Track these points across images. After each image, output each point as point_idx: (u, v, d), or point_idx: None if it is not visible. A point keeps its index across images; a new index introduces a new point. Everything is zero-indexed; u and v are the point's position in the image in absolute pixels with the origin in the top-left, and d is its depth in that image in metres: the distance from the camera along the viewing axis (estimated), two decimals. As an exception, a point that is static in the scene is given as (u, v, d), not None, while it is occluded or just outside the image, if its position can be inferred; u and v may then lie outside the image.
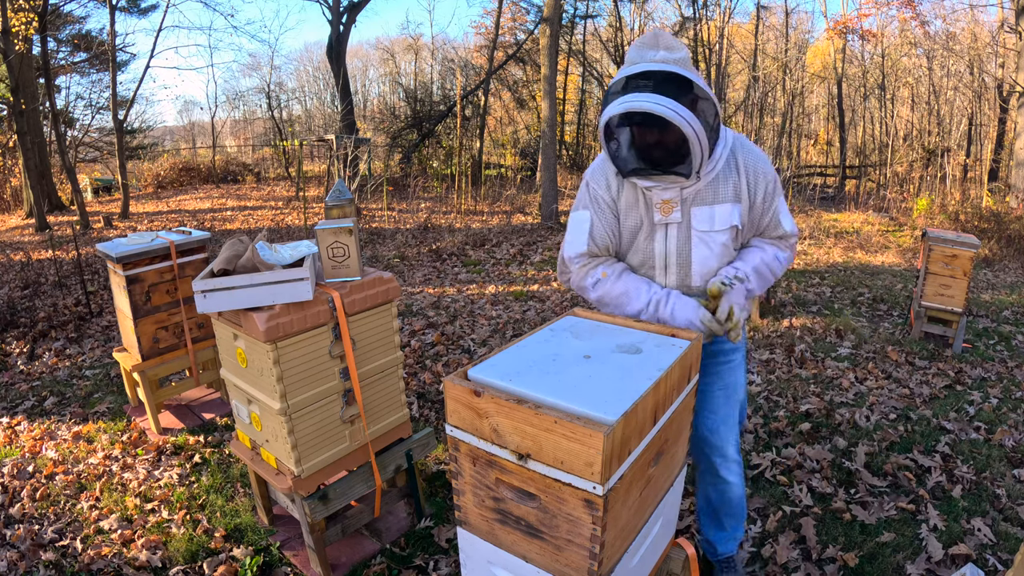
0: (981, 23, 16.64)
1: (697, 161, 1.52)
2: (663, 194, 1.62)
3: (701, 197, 1.63)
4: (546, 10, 11.37)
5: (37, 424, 3.38)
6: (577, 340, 1.45)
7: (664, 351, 1.39)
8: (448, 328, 4.81)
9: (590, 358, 1.35)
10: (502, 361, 1.33)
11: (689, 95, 1.47)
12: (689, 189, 1.61)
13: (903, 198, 12.63)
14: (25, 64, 11.14)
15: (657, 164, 1.56)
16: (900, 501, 2.57)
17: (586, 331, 1.51)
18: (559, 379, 1.24)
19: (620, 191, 1.69)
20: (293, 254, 2.04)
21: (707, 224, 1.63)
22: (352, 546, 2.35)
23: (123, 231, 10.16)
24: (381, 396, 2.25)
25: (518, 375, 1.26)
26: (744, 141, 1.66)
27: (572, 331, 1.51)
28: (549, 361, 1.33)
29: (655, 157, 1.55)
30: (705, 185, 1.62)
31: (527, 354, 1.37)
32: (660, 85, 1.44)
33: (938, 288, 4.39)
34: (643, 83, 1.46)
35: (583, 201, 1.74)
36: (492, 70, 16.79)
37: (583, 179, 1.77)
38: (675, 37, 1.62)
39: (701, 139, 1.47)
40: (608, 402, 1.13)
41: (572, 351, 1.39)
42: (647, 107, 1.42)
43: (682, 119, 1.42)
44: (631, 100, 1.44)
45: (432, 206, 12.05)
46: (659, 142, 1.53)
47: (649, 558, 1.46)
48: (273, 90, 23.95)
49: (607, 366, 1.31)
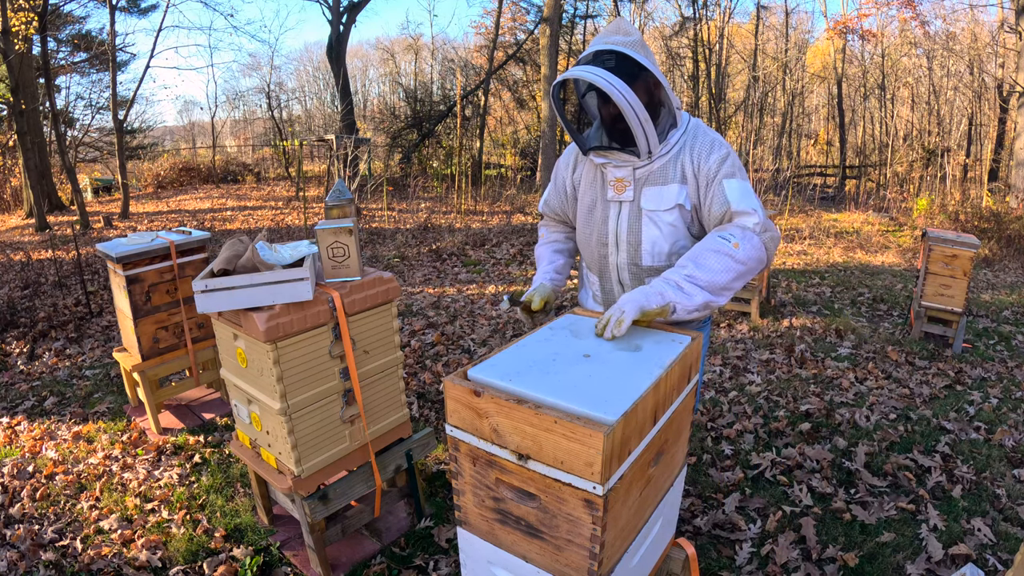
0: (981, 23, 16.65)
1: (642, 140, 1.58)
2: (616, 172, 1.69)
3: (653, 178, 1.67)
4: (546, 10, 11.38)
5: (37, 424, 3.38)
6: (577, 339, 1.45)
7: (664, 348, 1.39)
8: (448, 328, 4.81)
9: (590, 357, 1.35)
10: (502, 361, 1.33)
11: (638, 74, 1.54)
12: (642, 169, 1.67)
13: (903, 198, 12.63)
14: (25, 64, 11.14)
15: (615, 140, 1.66)
16: (900, 501, 2.57)
17: (585, 329, 1.51)
18: (559, 379, 1.24)
19: (582, 169, 1.82)
20: (293, 254, 2.04)
21: (655, 203, 1.66)
22: (352, 546, 2.35)
23: (123, 231, 10.16)
24: (381, 396, 2.25)
25: (518, 375, 1.26)
26: (701, 126, 1.69)
27: (571, 330, 1.51)
28: (549, 360, 1.33)
29: (612, 132, 1.65)
30: (658, 167, 1.66)
31: (527, 354, 1.37)
32: (604, 62, 1.54)
33: (938, 288, 4.39)
34: (590, 59, 1.58)
35: (553, 173, 1.95)
36: (492, 70, 16.79)
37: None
38: (634, 26, 1.67)
39: (638, 113, 1.53)
40: (608, 402, 1.13)
41: (572, 350, 1.39)
42: (581, 74, 1.52)
43: (613, 88, 1.49)
44: (570, 71, 1.56)
45: (432, 206, 12.05)
46: (609, 120, 1.63)
47: (649, 558, 1.46)
48: (273, 90, 23.96)
49: (607, 365, 1.31)
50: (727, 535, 2.40)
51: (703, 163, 1.63)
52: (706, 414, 3.39)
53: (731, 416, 3.36)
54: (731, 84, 21.75)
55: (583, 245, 1.86)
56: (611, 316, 1.46)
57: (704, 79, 18.41)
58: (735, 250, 1.53)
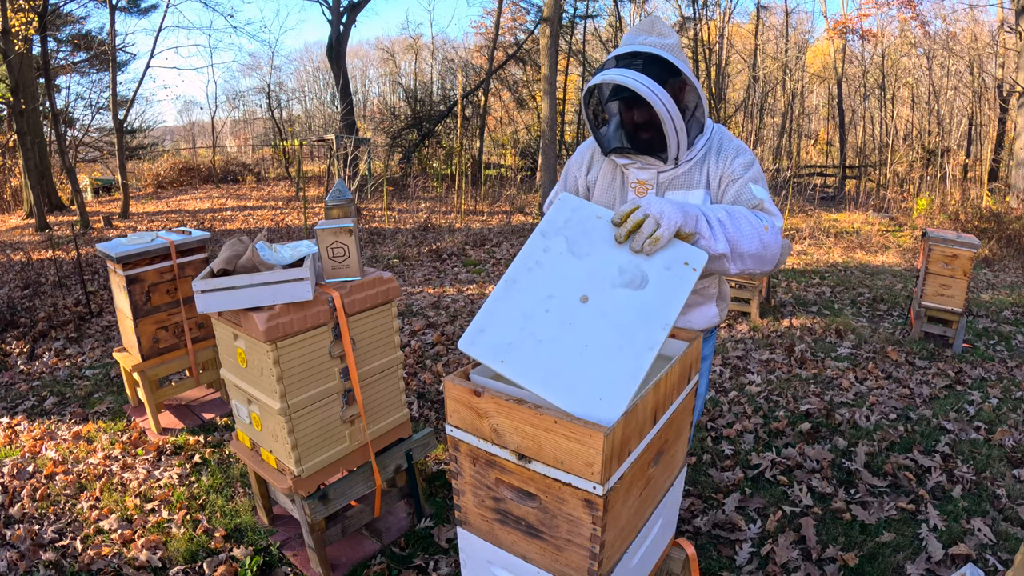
0: (981, 23, 16.65)
1: (673, 145, 1.54)
2: (639, 173, 1.66)
3: (677, 183, 1.64)
4: (546, 10, 11.37)
5: (37, 424, 3.38)
6: (573, 258, 1.26)
7: (674, 278, 1.21)
8: (448, 328, 4.81)
9: (588, 301, 1.20)
10: (492, 319, 1.19)
11: (671, 79, 1.50)
12: (666, 174, 1.64)
13: (903, 198, 12.63)
14: (25, 64, 11.14)
15: (638, 145, 1.60)
16: (900, 501, 2.57)
17: (582, 235, 1.29)
18: (554, 351, 1.14)
19: (599, 169, 1.75)
20: (293, 254, 2.04)
21: None
22: (352, 546, 2.35)
23: (123, 231, 10.16)
24: (381, 396, 2.25)
25: (509, 347, 1.15)
26: (726, 132, 1.68)
27: (567, 239, 1.29)
28: (542, 313, 1.19)
29: (636, 138, 1.60)
30: (683, 172, 1.64)
31: (518, 299, 1.21)
32: (643, 65, 1.48)
33: (938, 288, 4.39)
34: (627, 61, 1.51)
35: (562, 173, 1.86)
36: (492, 70, 16.79)
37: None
38: (669, 26, 1.62)
39: (676, 121, 1.49)
40: (607, 395, 1.09)
41: (568, 285, 1.22)
42: (623, 80, 1.45)
43: (656, 97, 1.44)
44: (610, 73, 1.48)
45: (432, 206, 12.05)
46: (639, 123, 1.57)
47: (649, 558, 1.46)
48: (273, 90, 23.95)
49: (607, 320, 1.17)
50: (727, 535, 2.40)
51: (728, 167, 1.61)
52: (706, 414, 3.39)
53: (731, 416, 3.36)
54: (731, 84, 21.75)
55: None
56: (642, 223, 1.25)
57: (704, 79, 18.40)
58: (764, 232, 1.47)
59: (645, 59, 1.49)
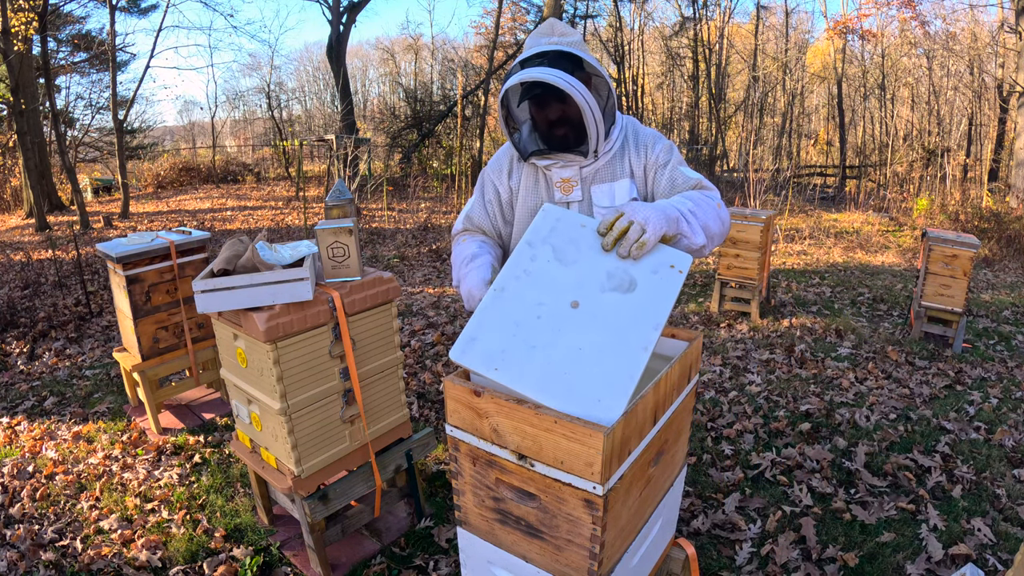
0: (981, 23, 16.65)
1: (593, 135, 1.55)
2: (562, 172, 1.66)
3: (600, 176, 1.65)
4: (546, 10, 11.37)
5: (37, 424, 3.38)
6: (561, 266, 1.27)
7: (661, 281, 1.23)
8: (448, 328, 4.81)
9: (579, 306, 1.21)
10: (482, 328, 1.18)
11: (581, 72, 1.52)
12: (588, 168, 1.64)
13: (903, 198, 12.63)
14: (25, 64, 11.14)
15: (555, 144, 1.61)
16: (900, 501, 2.57)
17: (568, 243, 1.30)
18: (548, 357, 1.14)
19: (520, 175, 1.74)
20: (293, 254, 2.04)
21: (608, 200, 1.64)
22: (352, 546, 2.35)
23: (123, 231, 10.16)
24: (381, 396, 2.25)
25: (502, 357, 1.15)
26: (634, 123, 1.70)
27: (552, 245, 1.30)
28: (533, 319, 1.19)
29: (553, 137, 1.61)
30: (604, 164, 1.65)
31: (508, 307, 1.21)
32: (553, 61, 1.50)
33: (938, 288, 4.39)
34: (536, 62, 1.52)
35: (477, 185, 1.84)
36: (492, 70, 16.79)
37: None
38: (568, 25, 1.64)
39: (594, 111, 1.50)
40: (605, 396, 1.10)
41: (557, 292, 1.23)
42: (540, 76, 1.46)
43: (573, 88, 1.46)
44: (524, 73, 1.49)
45: (432, 206, 12.05)
46: (554, 120, 1.58)
47: (649, 558, 1.46)
48: (273, 90, 23.95)
49: (599, 324, 1.18)
50: (727, 535, 2.40)
51: (650, 154, 1.63)
52: (706, 414, 3.39)
53: (731, 416, 3.36)
54: (731, 84, 21.75)
55: None
56: (627, 229, 1.26)
57: (704, 79, 18.41)
58: (719, 208, 1.54)
59: (552, 56, 1.51)
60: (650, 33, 21.40)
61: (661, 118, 21.66)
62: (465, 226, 1.82)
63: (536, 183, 1.72)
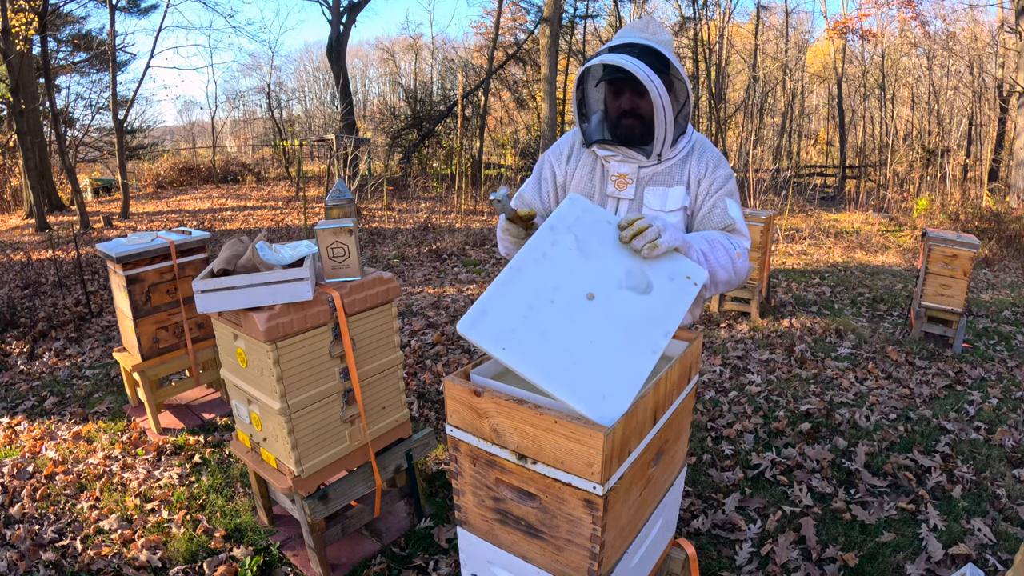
0: (981, 23, 16.65)
1: (660, 136, 1.56)
2: (620, 167, 1.66)
3: (657, 179, 1.66)
4: (546, 10, 11.37)
5: (37, 424, 3.38)
6: (581, 257, 1.27)
7: (676, 289, 1.27)
8: (448, 328, 4.81)
9: (594, 299, 1.21)
10: (495, 304, 1.16)
11: (665, 73, 1.53)
12: (647, 169, 1.65)
13: (903, 198, 12.63)
14: (25, 64, 11.14)
15: (620, 136, 1.63)
16: (900, 501, 2.57)
17: (591, 235, 1.31)
18: (558, 345, 1.13)
19: (578, 161, 1.75)
20: (293, 254, 2.04)
21: (659, 203, 1.65)
22: (352, 546, 2.35)
23: (123, 231, 10.16)
24: (381, 396, 2.25)
25: (513, 334, 1.12)
26: (705, 140, 1.71)
27: (575, 234, 1.30)
28: (547, 303, 1.18)
29: (620, 128, 1.62)
30: (664, 169, 1.65)
31: (524, 286, 1.19)
32: (641, 54, 1.51)
33: (938, 288, 4.39)
34: (624, 50, 1.53)
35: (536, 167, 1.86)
36: (492, 70, 16.79)
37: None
38: (662, 25, 1.65)
39: (666, 111, 1.51)
40: (611, 393, 1.10)
41: (574, 281, 1.22)
42: (622, 62, 1.47)
43: (651, 82, 1.47)
44: (609, 56, 1.51)
45: (432, 206, 12.05)
46: (626, 110, 1.59)
47: (649, 558, 1.46)
48: (273, 90, 23.96)
49: (612, 320, 1.19)
50: (727, 535, 2.40)
51: (709, 173, 1.64)
52: (706, 414, 3.39)
53: (731, 416, 3.36)
54: (731, 84, 21.74)
55: None
56: (646, 229, 1.32)
57: (704, 79, 18.40)
58: (737, 259, 1.58)
59: (641, 49, 1.52)
60: (650, 33, 21.36)
61: (661, 118, 21.58)
62: (518, 205, 1.86)
63: (592, 173, 1.73)
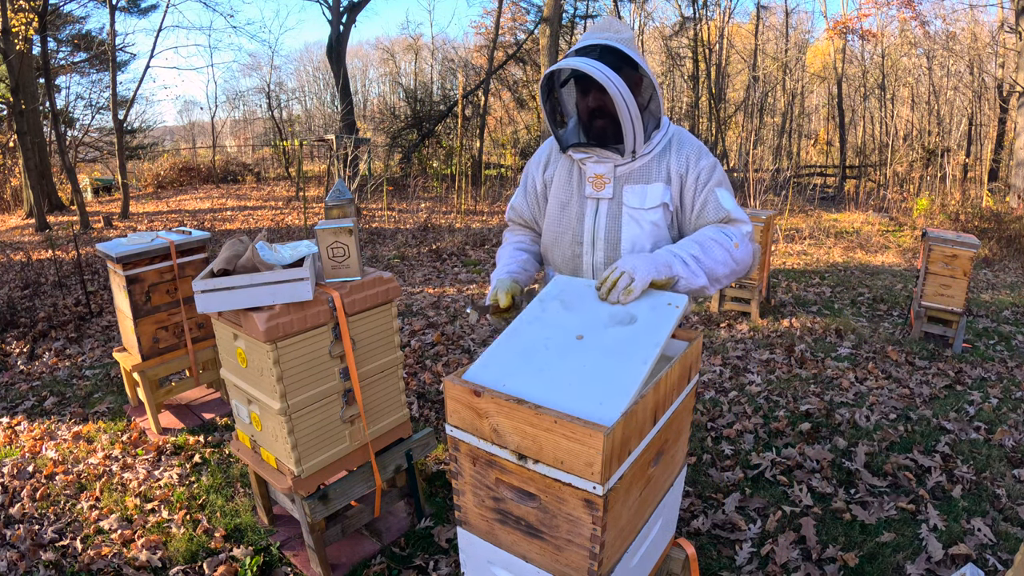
0: (981, 23, 16.65)
1: (630, 135, 1.57)
2: (596, 167, 1.67)
3: (635, 177, 1.66)
4: (546, 10, 11.38)
5: (37, 424, 3.38)
6: (568, 312, 1.40)
7: (660, 316, 1.34)
8: (448, 328, 4.81)
9: (583, 339, 1.31)
10: (494, 357, 1.29)
11: (625, 68, 1.54)
12: (623, 167, 1.66)
13: (903, 198, 12.63)
14: (25, 64, 11.14)
15: (594, 137, 1.64)
16: (900, 501, 2.57)
17: (575, 298, 1.45)
18: (554, 375, 1.21)
19: (556, 168, 1.78)
20: (293, 254, 2.04)
21: (638, 201, 1.65)
22: (352, 546, 2.35)
23: (123, 231, 10.16)
24: (381, 396, 2.25)
25: (511, 375, 1.23)
26: (683, 132, 1.71)
27: (561, 299, 1.46)
28: (541, 349, 1.29)
29: (593, 129, 1.63)
30: (640, 166, 1.66)
31: (519, 343, 1.33)
32: (599, 54, 1.53)
33: (938, 288, 4.39)
34: (584, 52, 1.56)
35: (522, 175, 1.91)
36: (492, 70, 16.79)
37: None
38: (625, 25, 1.66)
39: (630, 108, 1.52)
40: (606, 401, 1.12)
41: (564, 330, 1.34)
42: (578, 65, 1.50)
43: (610, 81, 1.48)
44: (566, 61, 1.53)
45: (432, 206, 12.05)
46: (594, 109, 1.60)
47: (649, 558, 1.46)
48: (273, 90, 23.96)
49: (602, 348, 1.27)
50: (727, 535, 2.40)
51: (692, 167, 1.63)
52: (706, 414, 3.39)
53: (731, 416, 3.36)
54: (731, 84, 21.75)
55: (553, 246, 1.78)
56: (618, 280, 1.42)
57: (704, 79, 18.40)
58: (735, 249, 1.59)
59: (601, 49, 1.54)
60: (650, 33, 21.40)
61: (661, 118, 21.60)
62: (510, 216, 1.95)
63: (570, 177, 1.74)
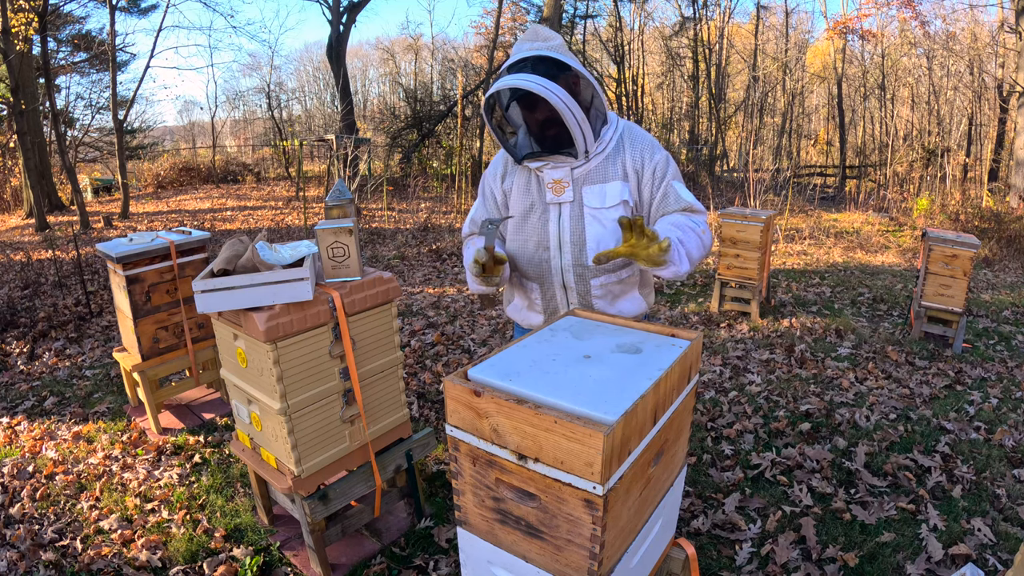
0: (981, 23, 16.65)
1: (579, 138, 1.59)
2: (553, 173, 1.69)
3: (592, 177, 1.68)
4: (546, 10, 11.38)
5: (37, 424, 3.38)
6: (577, 340, 1.46)
7: (664, 351, 1.39)
8: (448, 328, 4.81)
9: (590, 358, 1.35)
10: (501, 361, 1.33)
11: (561, 74, 1.55)
12: (579, 169, 1.67)
13: (903, 198, 12.63)
14: (25, 64, 11.14)
15: (546, 146, 1.65)
16: (900, 501, 2.57)
17: (586, 331, 1.52)
18: (559, 378, 1.24)
19: (513, 178, 1.80)
20: (293, 254, 2.04)
21: (598, 201, 1.67)
22: (352, 546, 2.35)
23: (123, 231, 10.16)
24: (381, 396, 2.25)
25: (518, 375, 1.25)
26: (633, 127, 1.72)
27: (572, 331, 1.52)
28: (548, 360, 1.33)
29: (543, 139, 1.65)
30: (596, 165, 1.67)
31: (527, 354, 1.37)
32: (531, 66, 1.54)
33: (938, 288, 4.39)
34: (517, 68, 1.56)
35: (479, 189, 1.92)
36: (492, 70, 16.78)
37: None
38: (551, 29, 1.69)
39: (575, 112, 1.54)
40: (608, 402, 1.13)
41: (572, 351, 1.39)
42: (515, 83, 1.51)
43: (548, 91, 1.49)
44: (503, 80, 1.55)
45: (432, 206, 12.06)
46: (542, 121, 1.62)
47: (649, 558, 1.46)
48: (273, 90, 23.96)
49: (607, 366, 1.31)
50: (727, 535, 2.40)
51: (648, 162, 1.66)
52: (706, 414, 3.39)
53: (731, 416, 3.36)
54: (731, 84, 21.75)
55: (518, 254, 1.80)
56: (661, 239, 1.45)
57: (704, 79, 18.40)
58: (703, 235, 1.64)
59: (532, 61, 1.55)
60: (650, 33, 21.41)
61: (661, 118, 21.65)
62: (471, 229, 1.94)
63: (528, 185, 1.76)
